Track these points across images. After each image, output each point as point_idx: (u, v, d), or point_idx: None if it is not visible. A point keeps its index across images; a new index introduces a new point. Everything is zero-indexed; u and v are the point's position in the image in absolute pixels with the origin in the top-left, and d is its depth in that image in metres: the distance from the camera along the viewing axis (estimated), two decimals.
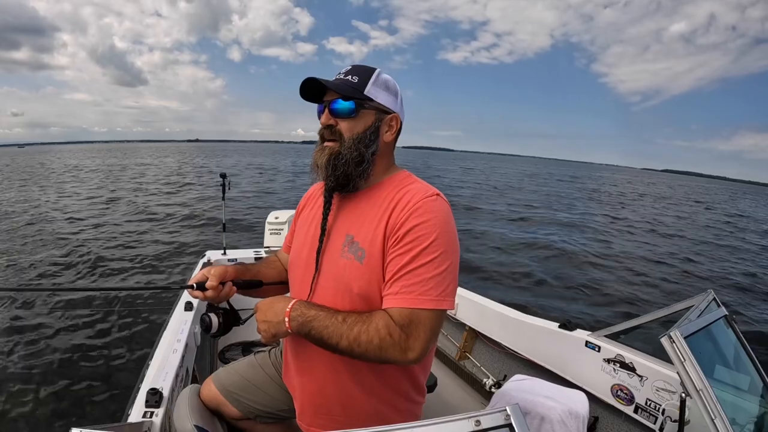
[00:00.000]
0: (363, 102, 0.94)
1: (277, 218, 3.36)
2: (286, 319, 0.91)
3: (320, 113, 0.99)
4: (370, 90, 0.95)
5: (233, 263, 1.18)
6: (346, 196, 1.00)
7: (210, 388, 1.24)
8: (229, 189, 3.26)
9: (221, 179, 3.21)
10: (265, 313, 0.96)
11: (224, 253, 3.03)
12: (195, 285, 1.05)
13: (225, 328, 1.13)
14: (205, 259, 2.90)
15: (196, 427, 1.12)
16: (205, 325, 1.12)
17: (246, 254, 3.06)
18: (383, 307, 0.88)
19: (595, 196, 25.80)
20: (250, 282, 1.15)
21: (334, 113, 0.95)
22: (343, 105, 0.94)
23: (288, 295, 1.11)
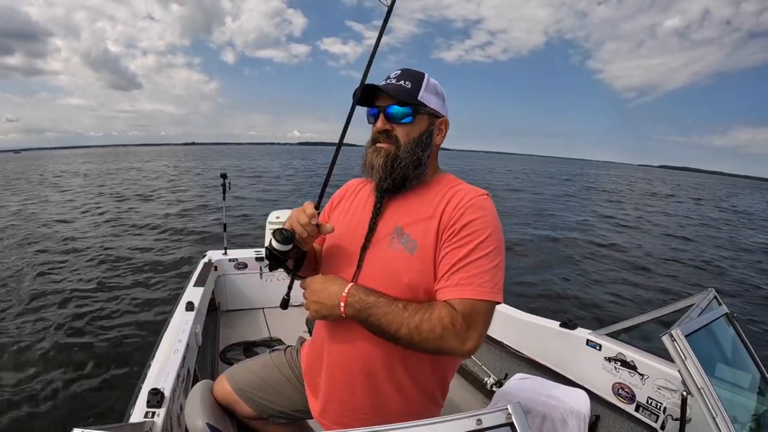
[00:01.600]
0: (418, 108, 0.96)
1: (278, 218, 3.36)
2: (342, 304, 0.90)
3: (372, 117, 1.00)
4: (423, 95, 0.96)
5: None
6: (395, 195, 1.01)
7: (223, 385, 1.24)
8: (229, 189, 3.26)
9: (222, 179, 3.20)
10: (317, 294, 0.95)
11: (225, 253, 3.03)
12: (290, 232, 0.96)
13: (288, 256, 1.00)
14: (205, 259, 2.90)
15: (208, 425, 1.11)
16: (283, 237, 0.95)
17: (247, 254, 3.06)
18: (440, 299, 0.88)
19: (592, 195, 25.75)
20: (302, 259, 1.07)
21: (391, 118, 0.97)
22: (400, 111, 0.95)
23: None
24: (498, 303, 0.89)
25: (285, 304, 1.07)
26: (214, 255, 2.99)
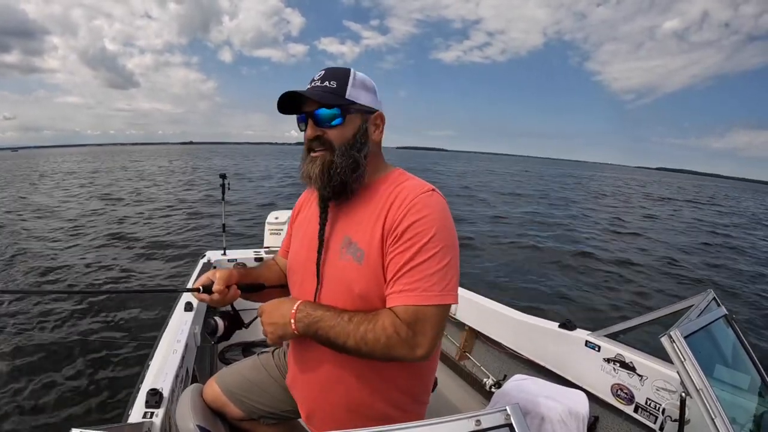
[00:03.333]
0: (347, 107, 0.92)
1: (277, 218, 3.35)
2: (292, 321, 0.91)
3: (301, 123, 0.96)
4: (350, 92, 0.92)
5: (235, 263, 1.17)
6: (342, 201, 0.99)
7: (213, 388, 1.24)
8: (228, 189, 3.25)
9: (221, 180, 3.20)
10: (271, 315, 0.95)
11: (224, 254, 3.03)
12: (201, 288, 1.04)
13: (230, 332, 1.14)
14: (204, 260, 2.90)
15: (199, 427, 1.12)
16: (211, 328, 1.12)
17: (246, 254, 3.06)
18: (387, 306, 0.87)
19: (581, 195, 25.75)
20: (253, 285, 1.15)
21: (320, 123, 0.93)
22: (327, 113, 0.91)
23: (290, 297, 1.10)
24: (450, 304, 0.87)
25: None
26: (213, 255, 2.99)
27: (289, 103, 0.95)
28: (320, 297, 0.97)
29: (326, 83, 0.92)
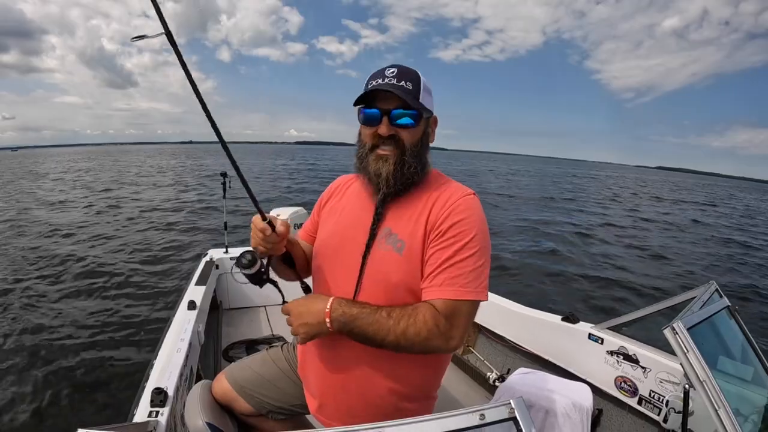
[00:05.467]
0: (421, 111, 0.94)
1: (278, 215, 3.35)
2: (327, 320, 0.90)
3: (373, 120, 0.95)
4: (423, 96, 0.94)
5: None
6: (390, 198, 1.00)
7: (222, 383, 1.24)
8: (230, 188, 3.25)
9: (222, 178, 3.20)
10: (302, 316, 0.94)
11: (226, 252, 3.03)
12: (268, 219, 0.96)
13: (258, 277, 1.03)
14: (207, 258, 2.90)
15: (208, 423, 1.12)
16: (246, 261, 0.99)
17: None
18: (425, 299, 0.90)
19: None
20: (290, 258, 1.09)
21: (398, 124, 0.93)
22: (408, 115, 0.93)
23: (311, 293, 1.08)
24: (482, 301, 0.91)
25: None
26: (216, 254, 2.99)
27: (370, 96, 0.93)
28: (360, 286, 0.97)
29: (403, 83, 0.92)
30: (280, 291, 1.10)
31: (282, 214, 3.38)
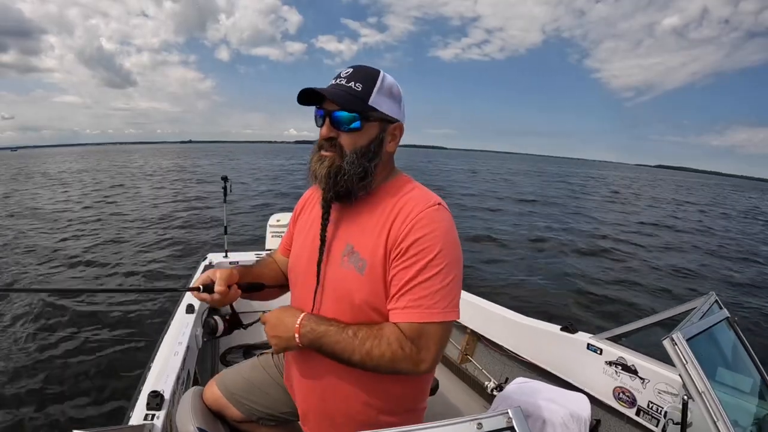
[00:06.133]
0: (368, 114, 0.89)
1: (278, 221, 3.36)
2: (297, 336, 0.91)
3: (319, 119, 0.93)
4: (374, 99, 0.89)
5: (234, 266, 1.16)
6: (345, 205, 0.97)
7: (213, 390, 1.24)
8: (230, 192, 3.26)
9: (222, 182, 3.21)
10: (275, 328, 0.95)
11: (226, 256, 3.03)
12: (202, 287, 1.02)
13: (229, 332, 1.15)
14: (206, 262, 2.90)
15: (199, 429, 1.12)
16: (210, 328, 1.12)
17: (248, 257, 3.06)
18: (391, 320, 0.87)
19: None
20: (253, 285, 1.14)
21: (337, 125, 0.89)
22: (346, 117, 0.88)
23: (289, 304, 1.09)
24: (452, 320, 0.87)
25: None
26: (215, 257, 2.99)
27: (309, 94, 0.90)
28: (319, 300, 0.97)
29: (351, 84, 0.88)
30: (240, 321, 1.19)
31: (282, 219, 3.39)
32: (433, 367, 0.87)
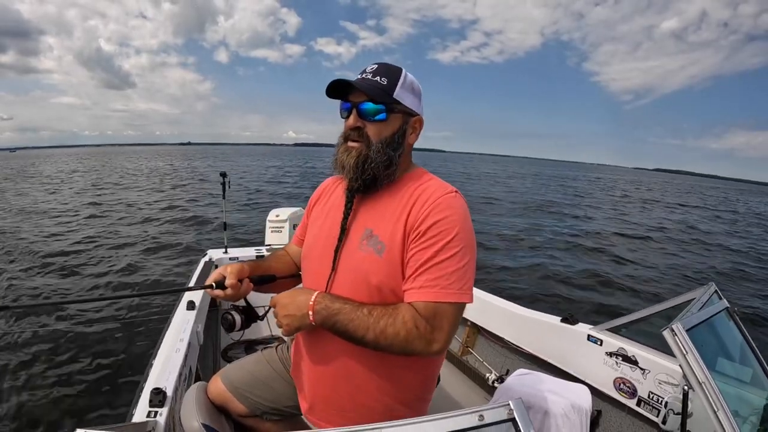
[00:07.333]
0: (392, 106, 0.94)
1: (278, 216, 3.36)
2: (310, 313, 0.92)
3: (345, 111, 0.98)
4: (398, 93, 0.94)
5: (246, 261, 1.17)
6: (366, 194, 1.00)
7: (217, 384, 1.25)
8: (229, 188, 3.25)
9: (221, 178, 3.20)
10: (287, 307, 0.97)
11: (225, 252, 3.03)
12: (214, 284, 1.04)
13: (246, 325, 1.17)
14: (206, 258, 2.90)
15: (203, 425, 1.12)
16: (228, 323, 1.15)
17: (248, 252, 3.06)
18: (407, 301, 0.89)
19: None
20: (264, 277, 1.15)
21: (363, 116, 0.95)
22: (373, 108, 0.93)
23: (302, 287, 1.11)
24: (466, 303, 0.89)
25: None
26: (215, 254, 2.99)
27: (336, 88, 0.96)
28: (332, 285, 0.98)
29: (377, 78, 0.94)
30: (256, 313, 1.20)
31: (281, 214, 3.38)
32: (444, 348, 0.89)
